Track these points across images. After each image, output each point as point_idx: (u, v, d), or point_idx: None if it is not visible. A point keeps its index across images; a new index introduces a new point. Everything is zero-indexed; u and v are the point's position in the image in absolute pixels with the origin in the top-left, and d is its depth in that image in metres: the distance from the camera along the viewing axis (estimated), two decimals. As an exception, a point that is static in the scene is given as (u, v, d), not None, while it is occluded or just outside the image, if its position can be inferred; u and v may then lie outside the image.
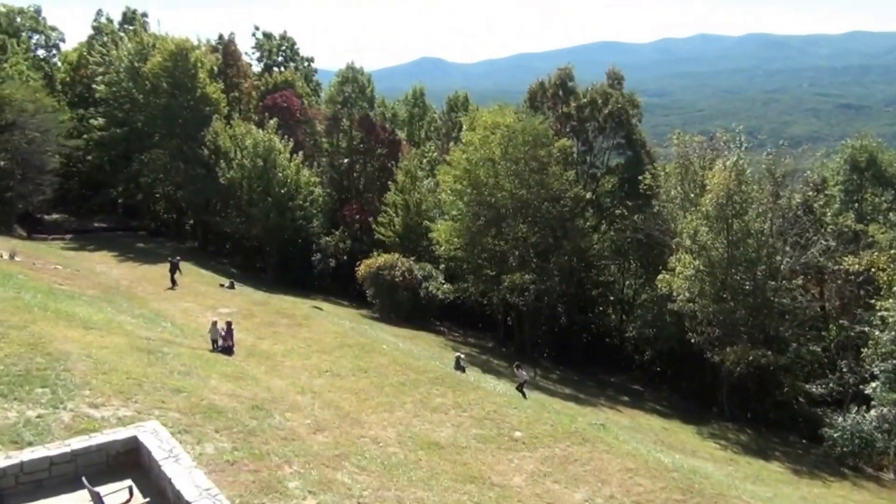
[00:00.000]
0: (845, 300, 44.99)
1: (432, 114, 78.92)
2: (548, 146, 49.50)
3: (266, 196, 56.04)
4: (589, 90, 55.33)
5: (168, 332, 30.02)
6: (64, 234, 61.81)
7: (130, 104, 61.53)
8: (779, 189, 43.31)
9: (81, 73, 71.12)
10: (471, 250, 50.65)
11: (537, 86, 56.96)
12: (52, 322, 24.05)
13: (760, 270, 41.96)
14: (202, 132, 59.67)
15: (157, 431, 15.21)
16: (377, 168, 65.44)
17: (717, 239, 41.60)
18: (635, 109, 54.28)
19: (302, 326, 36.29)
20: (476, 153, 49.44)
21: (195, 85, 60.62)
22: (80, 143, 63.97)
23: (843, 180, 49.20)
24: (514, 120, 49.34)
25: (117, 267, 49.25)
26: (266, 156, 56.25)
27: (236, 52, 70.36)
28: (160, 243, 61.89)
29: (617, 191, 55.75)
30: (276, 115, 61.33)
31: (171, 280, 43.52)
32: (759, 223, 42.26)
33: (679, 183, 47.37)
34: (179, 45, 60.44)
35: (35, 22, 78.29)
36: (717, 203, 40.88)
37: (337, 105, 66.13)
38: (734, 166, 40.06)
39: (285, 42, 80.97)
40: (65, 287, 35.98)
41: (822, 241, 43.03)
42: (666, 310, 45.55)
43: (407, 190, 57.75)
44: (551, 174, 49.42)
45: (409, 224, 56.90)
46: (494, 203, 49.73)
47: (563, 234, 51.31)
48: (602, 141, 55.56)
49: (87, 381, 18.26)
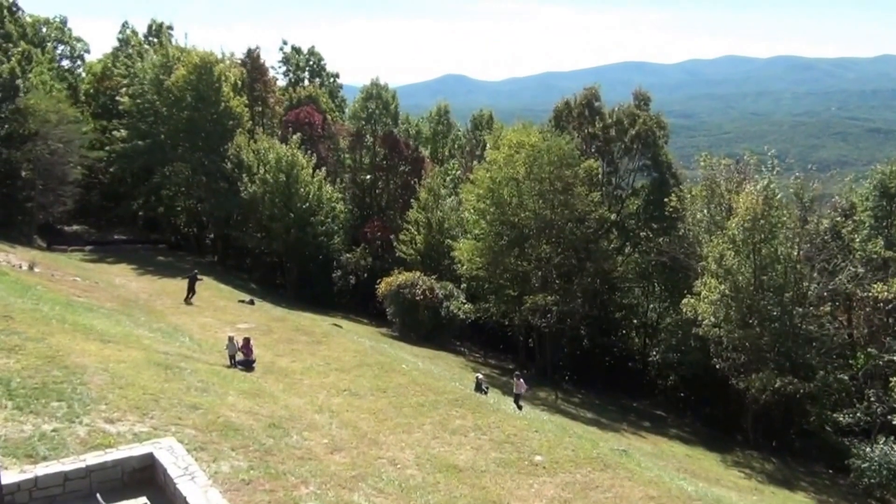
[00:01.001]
0: (874, 328, 44.10)
1: (456, 131, 78.73)
2: (574, 167, 49.04)
3: (288, 211, 55.88)
4: (615, 111, 54.92)
5: (186, 347, 29.71)
6: (83, 245, 61.88)
7: (154, 117, 61.70)
8: (807, 214, 42.60)
9: (105, 85, 71.49)
10: (493, 270, 50.14)
11: (563, 105, 56.59)
12: (69, 335, 23.80)
13: (787, 296, 41.19)
14: (225, 146, 59.70)
15: (172, 448, 14.86)
16: (400, 185, 65.22)
17: (743, 263, 40.89)
18: (662, 131, 53.73)
19: (321, 344, 35.90)
20: (500, 172, 49.06)
21: (219, 98, 60.70)
22: (102, 154, 64.18)
23: (873, 206, 48.34)
24: (540, 139, 48.95)
25: (136, 280, 49.15)
26: (289, 171, 56.15)
27: (262, 66, 70.55)
28: (180, 257, 61.84)
29: (642, 213, 55.11)
30: (299, 130, 61.31)
31: (187, 292, 43.26)
32: (787, 248, 41.53)
33: (705, 206, 46.72)
34: (204, 59, 60.62)
35: (60, 32, 79.03)
36: (744, 227, 40.24)
37: (361, 121, 66.07)
38: (764, 190, 39.42)
39: (312, 57, 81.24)
40: (83, 299, 35.85)
41: (850, 267, 42.22)
42: (690, 334, 44.81)
43: (429, 208, 57.43)
44: (576, 195, 48.92)
45: (430, 242, 56.52)
46: (518, 223, 49.27)
47: (586, 255, 50.74)
48: (628, 162, 55.05)
49: (103, 396, 17.95)
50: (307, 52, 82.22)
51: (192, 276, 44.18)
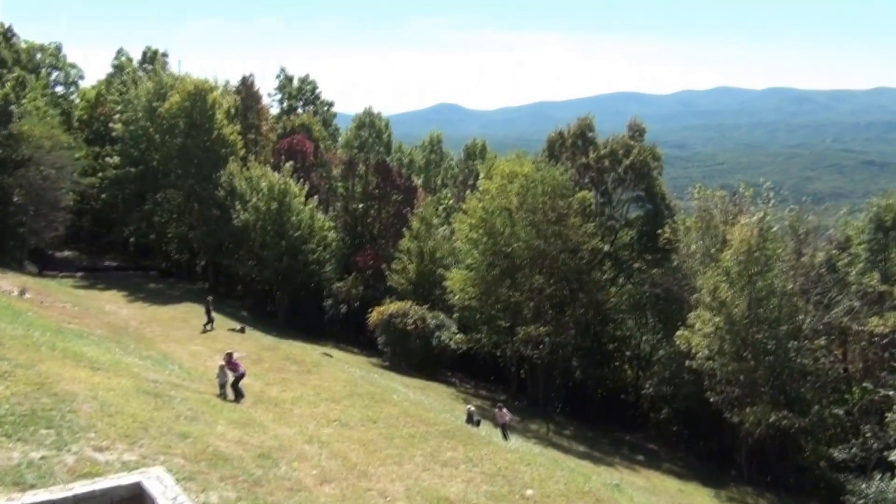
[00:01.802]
0: (869, 362, 43.96)
1: (449, 161, 78.91)
2: (567, 197, 49.03)
3: (279, 239, 55.66)
4: (609, 141, 55.03)
5: (175, 375, 29.36)
6: (74, 271, 61.49)
7: (147, 143, 61.62)
8: (802, 247, 42.62)
9: (99, 111, 71.51)
10: (485, 300, 49.89)
11: (556, 135, 56.70)
12: (59, 361, 23.45)
13: (782, 330, 41.03)
14: (218, 173, 59.59)
15: (161, 478, 14.50)
16: (392, 214, 65.11)
17: (738, 296, 40.77)
18: (656, 162, 53.80)
19: (311, 373, 35.58)
20: (493, 202, 49.02)
21: (212, 126, 60.68)
22: (94, 180, 63.96)
23: (868, 239, 48.45)
24: (533, 170, 48.99)
25: (126, 307, 48.79)
26: (281, 199, 56.00)
27: (256, 94, 70.68)
28: (170, 284, 61.46)
29: (636, 244, 55.05)
30: (291, 158, 61.28)
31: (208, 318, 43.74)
32: (782, 281, 41.45)
33: (700, 238, 46.70)
34: (198, 86, 60.69)
35: (55, 59, 79.14)
36: (739, 260, 40.17)
37: (354, 149, 66.23)
38: (759, 222, 39.44)
39: (307, 85, 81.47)
40: (73, 326, 35.52)
41: (845, 301, 42.16)
42: (684, 367, 44.55)
43: (422, 237, 57.26)
44: (569, 225, 48.87)
45: (422, 272, 56.26)
46: (510, 253, 49.13)
47: (579, 286, 50.60)
48: (621, 193, 55.03)
49: (92, 424, 17.62)
50: (301, 80, 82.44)
51: (207, 303, 44.69)
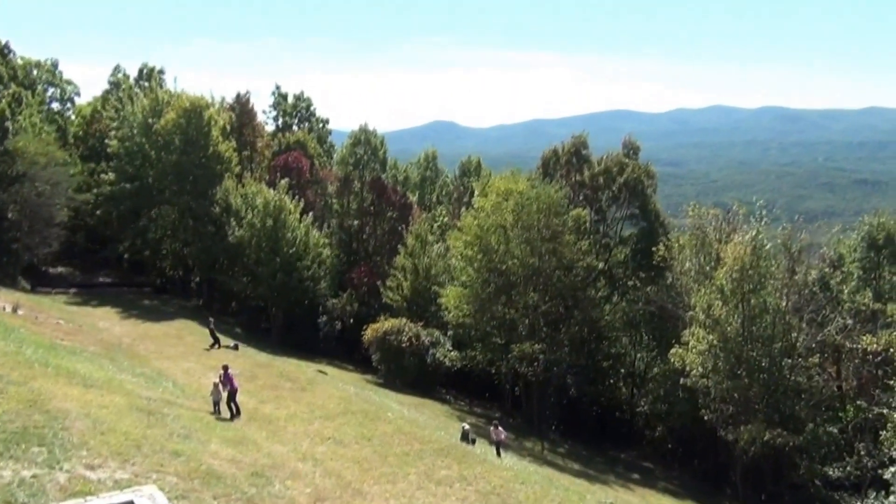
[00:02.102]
0: (863, 380, 43.96)
1: (444, 178, 78.98)
2: (562, 215, 49.16)
3: (274, 256, 55.63)
4: (604, 159, 55.24)
5: (169, 392, 29.26)
6: (68, 287, 61.27)
7: (142, 160, 61.55)
8: (795, 265, 42.70)
9: (95, 128, 71.47)
10: (480, 317, 49.87)
11: (551, 153, 56.91)
12: (52, 378, 23.37)
13: (776, 347, 41.06)
14: (213, 190, 59.60)
15: (153, 497, 14.46)
16: (387, 231, 65.11)
17: (732, 314, 40.80)
18: (650, 180, 54.02)
19: (305, 391, 35.48)
20: (488, 219, 49.11)
21: (208, 143, 60.69)
22: (89, 196, 63.88)
23: (861, 257, 48.62)
24: (528, 187, 49.12)
25: (120, 324, 48.66)
26: (276, 216, 56.03)
27: (251, 111, 70.80)
28: (165, 300, 61.29)
29: (630, 261, 55.16)
30: (287, 175, 61.35)
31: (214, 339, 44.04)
32: (776, 299, 41.52)
33: (694, 255, 46.80)
34: (194, 103, 60.78)
35: (51, 75, 79.15)
36: (733, 277, 40.24)
37: (349, 166, 66.21)
38: (752, 241, 39.55)
39: (301, 102, 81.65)
40: (66, 343, 35.39)
41: (838, 318, 42.22)
42: (678, 385, 44.52)
43: (416, 254, 57.27)
44: (564, 243, 48.97)
45: (417, 288, 56.22)
46: (505, 270, 49.19)
47: (574, 303, 50.62)
48: (615, 210, 55.21)
49: (84, 442, 17.55)
50: (296, 97, 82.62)
51: (210, 326, 45.11)
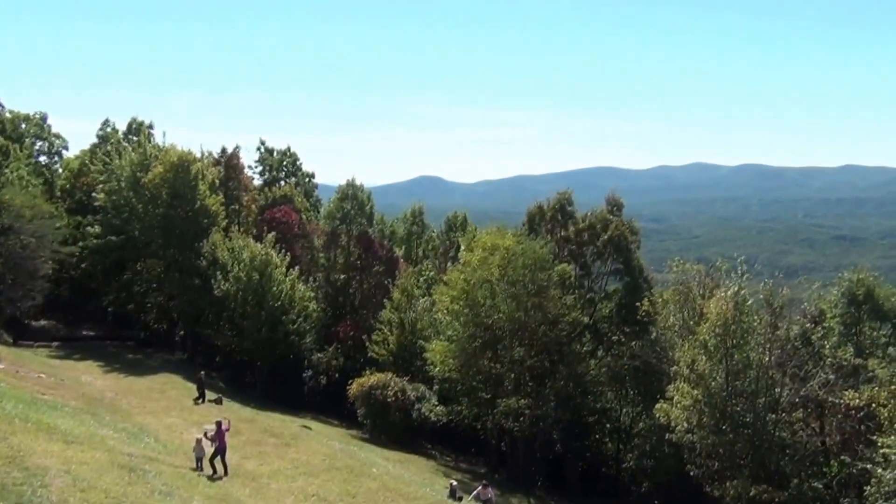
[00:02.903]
0: (846, 436, 43.87)
1: (430, 232, 79.34)
2: (547, 270, 49.49)
3: (260, 310, 55.60)
4: (588, 215, 55.75)
5: (151, 448, 29.01)
6: (51, 341, 60.92)
7: (129, 213, 61.69)
8: (777, 320, 42.93)
9: (82, 181, 71.69)
10: (466, 372, 49.78)
11: (536, 209, 57.40)
12: (32, 434, 23.18)
13: (760, 402, 41.10)
14: (199, 243, 59.75)
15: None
16: (373, 285, 65.22)
17: (716, 369, 40.91)
18: (634, 236, 54.50)
19: (290, 446, 35.23)
20: (474, 274, 49.34)
21: (195, 196, 61.02)
22: (74, 249, 63.74)
23: (841, 313, 48.84)
24: (514, 242, 49.52)
25: (103, 378, 48.32)
26: (262, 269, 56.14)
27: (239, 165, 71.28)
28: (148, 354, 60.95)
29: (615, 316, 55.34)
30: (274, 229, 61.61)
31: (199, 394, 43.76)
32: (759, 354, 41.68)
33: (678, 310, 47.05)
34: (182, 157, 61.25)
35: (40, 129, 79.57)
36: (716, 333, 40.42)
37: (336, 221, 66.54)
38: (735, 296, 39.86)
39: (287, 157, 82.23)
40: (48, 397, 35.12)
41: (821, 374, 42.36)
42: (664, 440, 44.31)
43: (402, 308, 57.35)
44: (550, 297, 49.22)
45: (403, 343, 56.18)
46: (491, 325, 49.30)
47: (559, 358, 50.66)
48: (600, 266, 55.51)
49: (64, 499, 17.40)
50: (282, 153, 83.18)
51: (199, 378, 45.01)
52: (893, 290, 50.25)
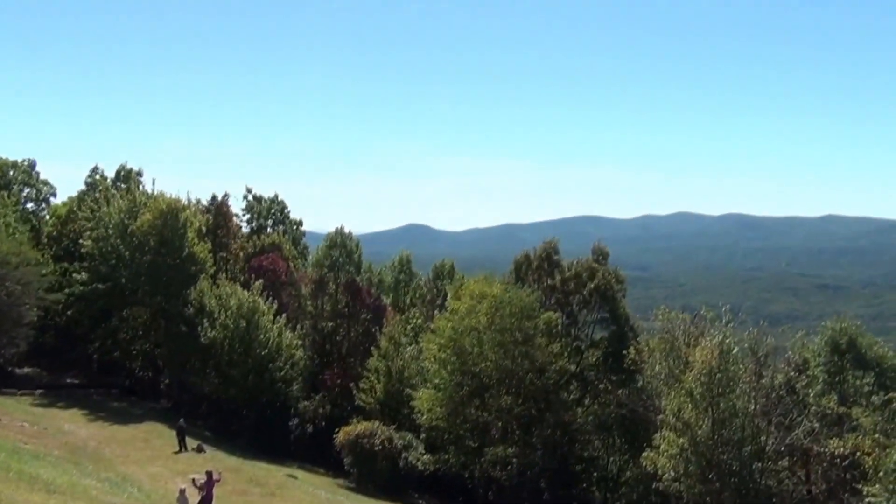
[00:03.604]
0: (832, 484, 43.87)
1: (418, 280, 79.54)
2: (534, 318, 49.79)
3: (246, 357, 55.53)
4: (574, 264, 56.21)
5: (134, 498, 28.81)
6: (34, 389, 60.34)
7: (116, 260, 61.66)
8: (762, 368, 43.18)
9: (69, 228, 71.70)
10: (453, 420, 49.69)
11: (523, 257, 57.87)
12: (13, 484, 23.02)
13: (746, 451, 41.14)
14: (187, 290, 59.77)
15: None
16: (361, 333, 65.21)
17: (702, 417, 40.99)
18: (620, 285, 54.99)
19: (275, 496, 35.03)
20: (462, 322, 49.55)
21: (183, 244, 61.19)
22: (60, 296, 63.49)
23: (825, 362, 49.17)
24: (502, 291, 49.85)
25: (86, 426, 47.95)
26: (249, 317, 56.21)
27: (228, 212, 71.67)
28: (133, 402, 60.55)
29: (601, 364, 55.47)
30: (262, 277, 61.77)
31: (179, 444, 43.68)
32: (744, 402, 41.84)
33: (663, 359, 47.24)
34: (170, 205, 61.55)
35: (28, 176, 79.68)
36: (701, 381, 40.58)
37: (324, 269, 66.74)
38: (720, 344, 40.13)
39: (275, 205, 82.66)
40: (30, 446, 34.88)
41: (806, 422, 42.50)
42: (651, 489, 44.22)
43: (390, 356, 57.31)
44: (537, 346, 49.44)
45: (390, 391, 56.04)
46: (478, 373, 49.39)
47: (546, 406, 50.66)
48: (587, 314, 55.88)
49: (46, 551, 17.26)
50: (270, 199, 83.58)
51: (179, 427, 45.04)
52: (876, 340, 50.86)
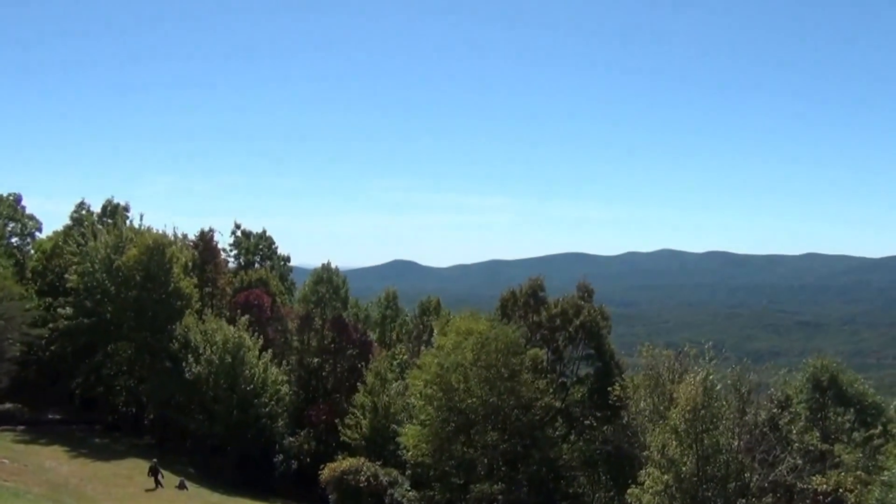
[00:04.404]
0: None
1: (404, 316, 79.74)
2: (520, 354, 50.02)
3: (231, 393, 55.46)
4: (560, 301, 56.53)
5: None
6: (16, 425, 59.71)
7: (101, 295, 61.60)
8: (745, 405, 43.46)
9: (54, 263, 71.54)
10: (438, 457, 49.57)
11: (509, 294, 58.19)
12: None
13: (731, 487, 41.25)
14: (172, 326, 59.69)
15: None
16: (347, 369, 65.24)
17: (686, 453, 41.12)
18: (605, 321, 55.33)
19: (259, 533, 34.78)
20: (448, 358, 49.67)
21: (169, 279, 61.30)
22: (44, 331, 63.23)
23: (807, 398, 49.64)
24: (487, 327, 50.10)
25: (68, 463, 47.58)
26: (235, 352, 56.19)
27: (215, 248, 71.84)
28: (115, 438, 60.12)
29: (587, 401, 55.61)
30: (248, 312, 61.78)
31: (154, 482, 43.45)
32: (728, 438, 42.04)
33: (648, 395, 47.47)
34: (157, 241, 61.71)
35: (13, 210, 79.44)
36: (686, 418, 40.78)
37: (310, 304, 66.82)
38: (704, 381, 40.42)
39: (263, 241, 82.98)
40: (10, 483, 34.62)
41: (789, 458, 42.72)
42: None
43: (376, 392, 57.27)
44: (522, 382, 49.58)
45: (376, 427, 55.92)
46: (464, 409, 49.41)
47: (532, 442, 50.64)
48: (572, 350, 56.10)
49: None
50: (258, 235, 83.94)
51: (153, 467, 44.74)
52: (856, 376, 51.51)
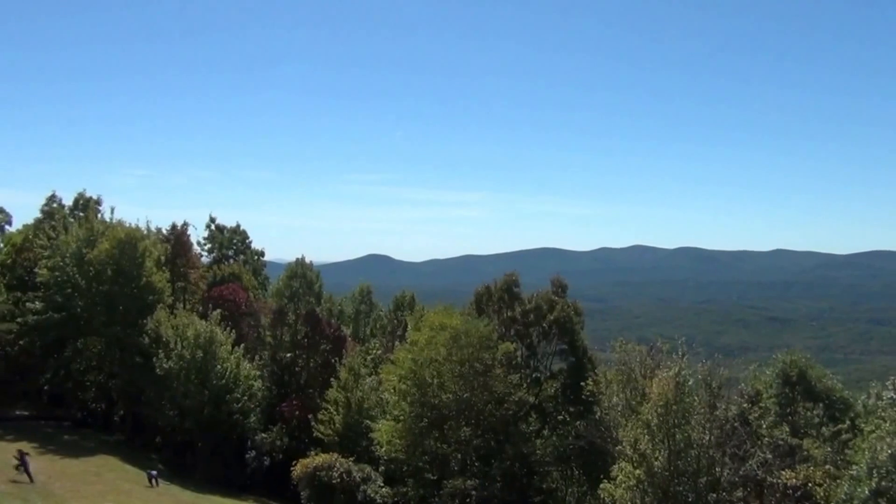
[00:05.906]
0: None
1: (378, 311, 79.65)
2: (492, 349, 50.14)
3: (203, 388, 55.01)
4: (534, 297, 56.79)
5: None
6: (-19, 422, 58.90)
7: (72, 289, 60.78)
8: (715, 400, 43.86)
9: (24, 256, 70.48)
10: (412, 452, 49.59)
11: (484, 290, 58.37)
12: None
13: (702, 482, 41.64)
14: (144, 320, 59.12)
15: None
16: (320, 364, 64.88)
17: (658, 448, 41.45)
18: (579, 317, 55.70)
19: (231, 530, 34.57)
20: (422, 353, 49.68)
21: (140, 273, 60.63)
22: (13, 326, 62.39)
23: (777, 393, 50.24)
24: (461, 322, 50.15)
25: (36, 460, 46.86)
26: (206, 347, 55.73)
27: (187, 242, 71.21)
28: (85, 435, 59.45)
29: (560, 396, 55.92)
30: (221, 307, 61.31)
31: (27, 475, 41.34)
32: (699, 433, 42.42)
33: (621, 390, 47.76)
34: (129, 234, 60.98)
35: (-19, 203, 78.49)
36: (658, 413, 41.09)
37: (284, 299, 66.44)
38: (676, 376, 40.73)
39: (237, 235, 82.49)
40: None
41: (759, 453, 43.19)
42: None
43: (349, 387, 57.06)
44: (495, 376, 49.71)
45: (349, 422, 55.71)
46: (438, 404, 49.44)
47: (505, 437, 50.82)
48: (546, 346, 56.38)
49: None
50: (232, 230, 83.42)
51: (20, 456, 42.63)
52: (825, 371, 52.17)
